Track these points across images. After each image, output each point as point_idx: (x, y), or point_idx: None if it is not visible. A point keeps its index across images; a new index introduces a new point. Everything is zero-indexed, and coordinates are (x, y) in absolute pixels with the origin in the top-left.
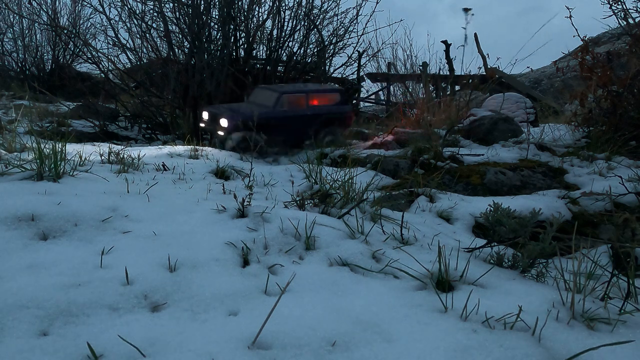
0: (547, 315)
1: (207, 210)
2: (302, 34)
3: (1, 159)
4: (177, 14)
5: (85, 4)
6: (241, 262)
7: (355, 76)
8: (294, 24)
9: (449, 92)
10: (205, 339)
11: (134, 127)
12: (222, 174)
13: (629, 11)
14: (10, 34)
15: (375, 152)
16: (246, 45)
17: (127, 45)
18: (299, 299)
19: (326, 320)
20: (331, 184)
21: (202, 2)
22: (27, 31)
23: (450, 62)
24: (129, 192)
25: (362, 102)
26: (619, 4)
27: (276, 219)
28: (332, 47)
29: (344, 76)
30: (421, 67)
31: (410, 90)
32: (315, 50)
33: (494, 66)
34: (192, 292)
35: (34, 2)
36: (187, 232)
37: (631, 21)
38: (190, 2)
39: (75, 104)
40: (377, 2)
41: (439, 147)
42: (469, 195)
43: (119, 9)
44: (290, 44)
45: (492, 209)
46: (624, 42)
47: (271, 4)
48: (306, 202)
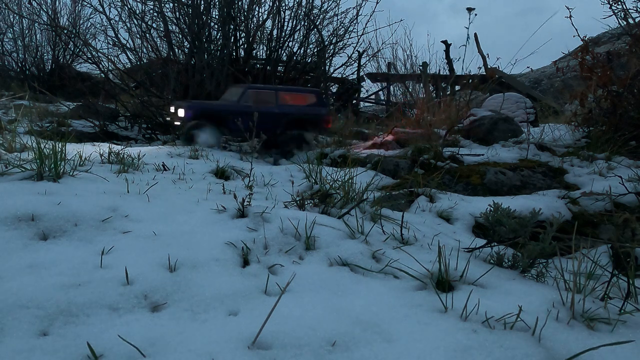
0: (547, 315)
1: (207, 210)
2: (302, 34)
3: (1, 159)
4: (177, 14)
5: (85, 4)
6: (241, 262)
7: (355, 76)
8: (294, 24)
9: (449, 92)
10: (205, 339)
11: (134, 127)
12: (222, 174)
13: (629, 11)
14: (10, 34)
15: (375, 152)
16: (246, 45)
17: (127, 45)
18: (299, 299)
19: (326, 320)
20: (331, 184)
21: (202, 2)
22: (27, 31)
23: (450, 62)
24: (129, 192)
25: (362, 102)
26: (619, 4)
27: (276, 219)
28: (332, 47)
29: (344, 76)
30: (421, 67)
31: (410, 90)
32: (315, 50)
33: (494, 66)
34: (192, 292)
35: (34, 2)
36: (187, 232)
37: (631, 21)
38: (190, 2)
39: (75, 104)
40: (377, 2)
41: (439, 147)
42: (469, 195)
43: (119, 9)
44: (290, 44)
45: (492, 209)
46: (624, 42)
47: (271, 4)
48: (306, 202)
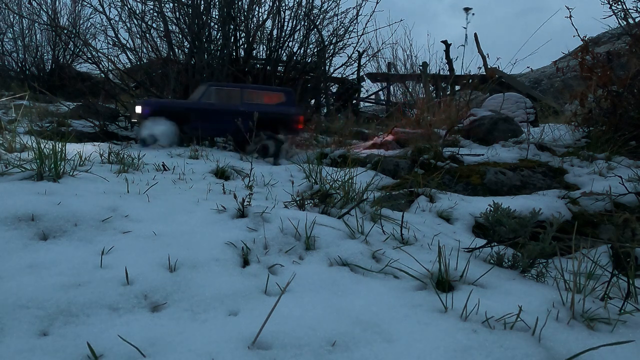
0: (547, 315)
1: (207, 210)
2: (302, 34)
3: (1, 159)
4: (177, 14)
5: (85, 4)
6: (241, 262)
7: (355, 76)
8: (294, 24)
9: (449, 92)
10: (205, 339)
11: (134, 127)
12: (222, 174)
13: (629, 11)
14: (10, 34)
15: (375, 152)
16: (246, 45)
17: (127, 45)
18: (299, 299)
19: (326, 320)
20: (331, 184)
21: (202, 2)
22: (27, 31)
23: (450, 62)
24: (129, 192)
25: (362, 102)
26: (619, 4)
27: (276, 219)
28: (332, 47)
29: (344, 76)
30: (421, 67)
31: (410, 90)
32: (315, 50)
33: (494, 66)
34: (192, 292)
35: (34, 2)
36: (187, 232)
37: (631, 21)
38: (190, 2)
39: (75, 104)
40: (377, 2)
41: (439, 147)
42: (469, 195)
43: (119, 9)
44: (290, 44)
45: (492, 209)
46: (624, 42)
47: (271, 4)
48: (306, 202)
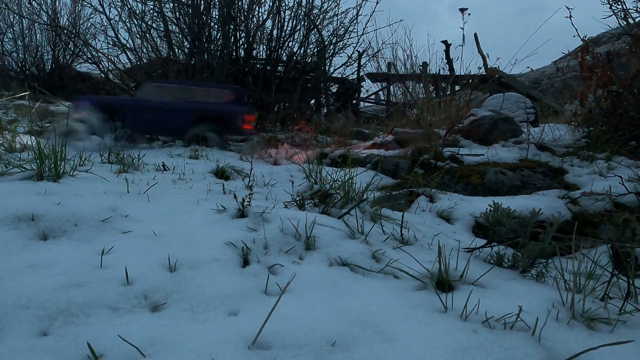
0: (547, 315)
1: (207, 210)
2: (302, 34)
3: (1, 159)
4: (177, 14)
5: (85, 4)
6: (241, 262)
7: (355, 76)
8: (294, 24)
9: (449, 92)
10: (205, 339)
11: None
12: (222, 174)
13: (629, 11)
14: (10, 34)
15: (375, 152)
16: (246, 45)
17: (127, 45)
18: (299, 299)
19: (326, 320)
20: (331, 184)
21: (202, 2)
22: (27, 31)
23: (450, 62)
24: (129, 192)
25: (362, 102)
26: (619, 4)
27: (276, 219)
28: (332, 47)
29: (344, 76)
30: (421, 67)
31: (410, 90)
32: (315, 50)
33: (494, 66)
34: (192, 292)
35: (34, 2)
36: (187, 232)
37: (631, 21)
38: (190, 2)
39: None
40: (377, 2)
41: (439, 147)
42: (469, 195)
43: (119, 9)
44: (290, 44)
45: (492, 209)
46: (624, 42)
47: (271, 4)
48: (306, 202)
